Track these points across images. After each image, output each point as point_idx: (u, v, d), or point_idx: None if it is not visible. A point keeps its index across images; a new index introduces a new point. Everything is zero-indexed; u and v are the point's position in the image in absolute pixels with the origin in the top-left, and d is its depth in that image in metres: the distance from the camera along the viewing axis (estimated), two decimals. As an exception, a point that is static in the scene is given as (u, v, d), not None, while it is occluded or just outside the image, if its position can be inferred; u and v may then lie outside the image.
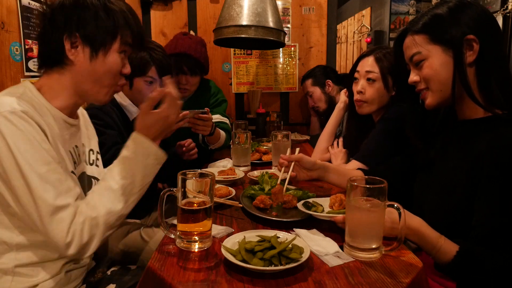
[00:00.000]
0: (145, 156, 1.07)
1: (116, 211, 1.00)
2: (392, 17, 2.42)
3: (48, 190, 0.92)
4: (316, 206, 1.21)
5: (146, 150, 1.07)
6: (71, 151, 1.12)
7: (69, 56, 1.04)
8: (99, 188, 1.03)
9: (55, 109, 1.06)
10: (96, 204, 0.99)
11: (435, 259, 1.03)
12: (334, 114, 2.06)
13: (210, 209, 1.02)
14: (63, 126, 1.09)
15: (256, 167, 1.91)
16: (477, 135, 1.06)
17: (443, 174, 1.14)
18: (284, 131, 1.93)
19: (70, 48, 1.04)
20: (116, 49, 1.08)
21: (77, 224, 0.94)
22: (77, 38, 1.04)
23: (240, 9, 2.21)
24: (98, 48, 1.05)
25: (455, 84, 1.07)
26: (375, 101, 1.64)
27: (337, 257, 0.97)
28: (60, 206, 0.93)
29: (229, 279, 0.87)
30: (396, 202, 0.95)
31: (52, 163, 0.95)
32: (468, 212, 1.02)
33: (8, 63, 1.43)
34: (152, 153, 1.08)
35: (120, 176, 1.03)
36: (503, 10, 2.46)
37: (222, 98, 2.52)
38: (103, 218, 0.98)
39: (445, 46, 1.08)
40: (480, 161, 1.00)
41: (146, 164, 1.07)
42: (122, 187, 1.02)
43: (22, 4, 1.48)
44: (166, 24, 3.10)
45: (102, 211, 0.98)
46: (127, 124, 1.78)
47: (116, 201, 1.01)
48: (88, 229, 0.95)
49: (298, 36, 3.19)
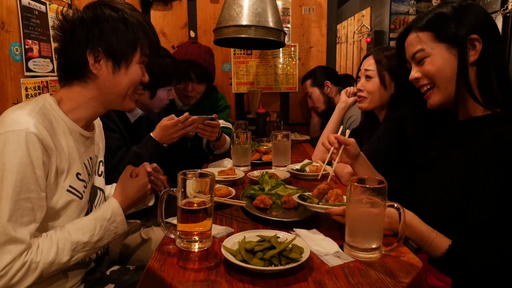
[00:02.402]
0: (110, 222, 1.09)
1: (60, 263, 0.99)
2: (392, 17, 2.42)
3: (11, 218, 0.90)
4: (311, 198, 1.21)
5: (114, 216, 1.10)
6: (86, 163, 1.15)
7: (93, 70, 1.07)
8: (56, 234, 1.01)
9: (72, 123, 1.08)
10: (44, 250, 0.97)
11: (428, 254, 1.04)
12: (335, 113, 2.07)
13: (210, 209, 1.02)
14: (79, 140, 1.11)
15: (256, 167, 1.91)
16: (477, 133, 1.06)
17: (444, 173, 1.14)
18: (284, 131, 1.93)
19: (94, 63, 1.06)
20: (137, 61, 1.11)
21: (18, 263, 0.92)
22: (99, 53, 1.06)
23: (240, 9, 2.21)
24: (120, 60, 1.08)
25: (459, 82, 1.08)
26: (373, 96, 1.70)
27: (337, 257, 0.97)
28: (14, 239, 0.91)
29: (229, 279, 0.87)
30: (396, 202, 0.95)
31: (33, 192, 0.94)
32: (467, 211, 1.03)
33: (8, 63, 1.43)
34: (117, 221, 1.11)
35: (81, 231, 1.04)
36: (503, 10, 2.46)
37: (225, 104, 2.58)
38: (44, 266, 0.96)
39: (450, 44, 1.08)
40: (479, 158, 1.01)
41: (108, 228, 1.09)
42: (74, 243, 1.01)
43: (22, 4, 1.48)
44: (166, 24, 3.10)
45: (47, 260, 0.96)
46: (128, 126, 1.78)
47: (64, 255, 1.00)
48: (23, 272, 0.93)
49: (298, 36, 3.19)
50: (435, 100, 1.14)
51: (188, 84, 2.30)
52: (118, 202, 1.13)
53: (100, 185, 1.26)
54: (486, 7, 2.62)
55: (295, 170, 1.77)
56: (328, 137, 1.36)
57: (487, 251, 0.97)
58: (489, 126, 1.05)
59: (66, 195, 1.05)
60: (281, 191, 1.40)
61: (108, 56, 1.07)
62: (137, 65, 1.12)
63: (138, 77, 1.13)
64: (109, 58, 1.07)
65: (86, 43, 1.05)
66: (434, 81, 1.12)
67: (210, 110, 2.44)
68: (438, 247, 1.01)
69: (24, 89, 1.52)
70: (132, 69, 1.11)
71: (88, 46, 1.05)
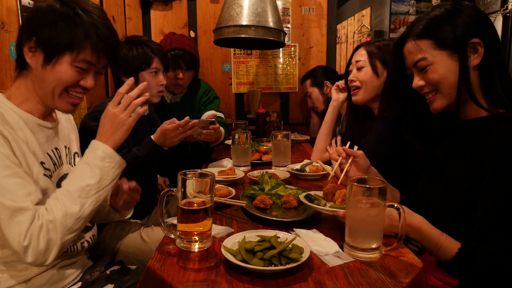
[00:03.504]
0: (99, 159, 1.07)
1: (72, 213, 1.00)
2: (392, 17, 2.42)
3: (5, 194, 0.93)
4: (318, 199, 1.21)
5: (101, 153, 1.08)
6: (50, 154, 1.13)
7: (27, 59, 1.06)
8: (56, 192, 1.04)
9: (26, 113, 1.08)
10: (52, 207, 0.99)
11: (437, 257, 1.03)
12: (329, 112, 2.06)
13: (210, 209, 1.02)
14: (37, 130, 1.10)
15: (256, 167, 1.92)
16: (481, 133, 1.06)
17: (449, 174, 1.14)
18: (284, 131, 1.94)
19: (28, 52, 1.05)
20: (69, 62, 1.06)
21: (34, 228, 0.95)
22: (33, 43, 1.04)
23: (240, 9, 2.21)
24: (51, 56, 1.04)
25: (461, 87, 1.07)
26: (367, 86, 1.67)
27: (337, 257, 0.97)
28: (19, 209, 0.93)
29: (229, 279, 0.87)
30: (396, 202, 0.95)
31: (12, 168, 0.95)
32: (474, 210, 1.02)
33: (8, 63, 1.43)
34: (107, 155, 1.08)
35: (75, 179, 1.05)
36: (503, 10, 2.46)
37: (214, 95, 2.63)
38: (60, 221, 0.98)
39: (450, 50, 1.07)
40: (485, 158, 1.00)
41: (102, 166, 1.07)
42: (77, 190, 1.03)
43: (22, 4, 1.47)
44: (166, 24, 3.10)
45: (58, 214, 0.98)
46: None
47: (72, 204, 1.01)
48: (45, 233, 0.96)
49: (298, 36, 3.19)
50: (439, 105, 1.13)
51: (179, 72, 2.37)
52: (97, 140, 1.11)
53: None
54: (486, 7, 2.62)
55: (295, 170, 1.77)
56: (336, 149, 1.34)
57: (496, 253, 0.96)
58: (495, 127, 1.04)
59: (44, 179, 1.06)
60: (281, 191, 1.40)
61: (39, 47, 1.05)
62: (69, 65, 1.06)
63: (67, 78, 1.06)
64: (40, 50, 1.05)
65: (25, 31, 1.05)
66: (438, 88, 1.11)
67: (199, 102, 2.55)
68: (447, 250, 1.00)
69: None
70: (61, 68, 1.05)
71: (25, 34, 1.05)
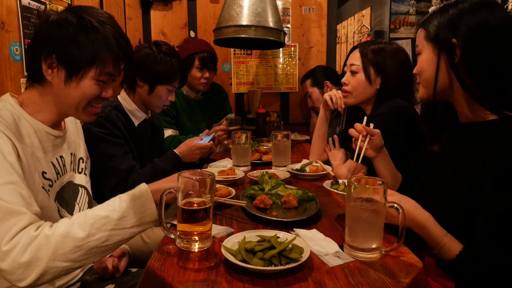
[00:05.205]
0: (135, 198, 1.00)
1: (75, 237, 0.89)
2: (392, 17, 2.42)
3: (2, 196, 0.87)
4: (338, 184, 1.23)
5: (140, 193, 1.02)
6: (54, 162, 1.12)
7: (46, 76, 1.04)
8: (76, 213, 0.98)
9: (37, 122, 1.07)
10: (59, 223, 0.91)
11: (438, 255, 1.03)
12: (320, 113, 2.07)
13: (210, 209, 1.02)
14: (45, 138, 1.09)
15: (256, 167, 1.91)
16: (482, 137, 1.04)
17: (447, 175, 1.13)
18: (284, 131, 1.94)
19: (47, 69, 1.04)
20: (92, 77, 1.06)
21: (25, 236, 0.85)
22: (54, 60, 1.03)
23: (240, 9, 2.21)
24: (73, 72, 1.03)
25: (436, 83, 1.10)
26: (357, 92, 1.69)
27: (337, 257, 0.97)
28: (12, 212, 0.86)
29: (229, 279, 0.87)
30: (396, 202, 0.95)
31: (14, 176, 0.91)
32: (471, 214, 1.02)
33: (8, 63, 1.43)
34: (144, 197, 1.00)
35: (101, 206, 0.98)
36: (503, 10, 2.45)
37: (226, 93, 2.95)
38: (57, 239, 0.87)
39: (435, 44, 1.09)
40: (486, 163, 0.99)
41: (133, 206, 0.98)
42: (94, 217, 0.94)
43: (22, 4, 1.47)
44: (166, 24, 3.10)
45: (59, 231, 0.88)
46: (132, 130, 1.77)
47: (80, 228, 0.90)
48: (34, 248, 0.84)
49: (298, 36, 3.19)
50: (420, 94, 1.18)
51: (206, 72, 2.54)
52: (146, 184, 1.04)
53: (81, 183, 1.24)
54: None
55: (295, 170, 1.77)
56: (356, 126, 1.34)
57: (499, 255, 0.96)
58: (496, 131, 1.03)
59: (42, 193, 1.04)
60: (281, 191, 1.40)
61: (61, 64, 1.03)
62: (93, 80, 1.06)
63: (91, 92, 1.07)
64: (62, 67, 1.03)
65: (43, 47, 1.03)
66: (419, 77, 1.16)
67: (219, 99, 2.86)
68: (449, 251, 1.00)
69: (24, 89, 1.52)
70: (85, 83, 1.05)
71: (44, 51, 1.02)
